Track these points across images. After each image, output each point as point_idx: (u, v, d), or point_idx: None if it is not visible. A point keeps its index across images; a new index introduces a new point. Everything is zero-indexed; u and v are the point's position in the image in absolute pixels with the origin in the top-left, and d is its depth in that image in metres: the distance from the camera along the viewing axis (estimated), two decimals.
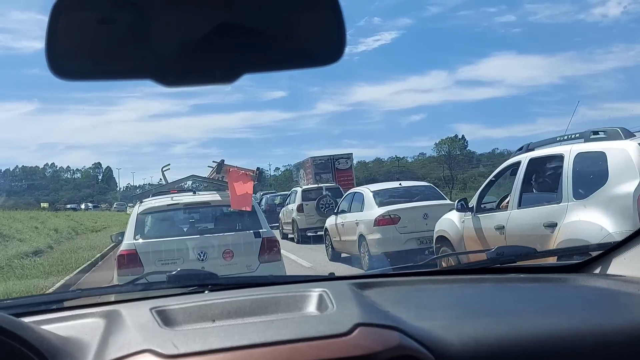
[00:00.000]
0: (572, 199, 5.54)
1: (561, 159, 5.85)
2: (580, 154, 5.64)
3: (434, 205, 11.08)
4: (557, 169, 5.97)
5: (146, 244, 6.63)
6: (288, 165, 32.39)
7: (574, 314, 1.65)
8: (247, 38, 1.11)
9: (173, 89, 1.17)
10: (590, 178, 5.44)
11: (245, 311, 1.59)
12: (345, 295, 1.68)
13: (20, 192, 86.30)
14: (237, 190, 7.24)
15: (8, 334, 1.21)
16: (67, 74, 1.12)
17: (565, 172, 5.70)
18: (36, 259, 14.63)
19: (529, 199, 6.34)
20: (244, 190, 7.27)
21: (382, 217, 11.00)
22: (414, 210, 11.08)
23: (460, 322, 1.57)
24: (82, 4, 1.10)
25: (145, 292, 2.03)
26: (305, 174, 27.46)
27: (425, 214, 10.85)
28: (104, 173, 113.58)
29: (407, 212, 11.03)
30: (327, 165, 26.42)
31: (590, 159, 5.54)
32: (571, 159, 5.68)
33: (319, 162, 26.61)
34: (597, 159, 5.39)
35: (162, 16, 1.10)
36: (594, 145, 5.57)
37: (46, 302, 2.01)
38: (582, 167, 5.59)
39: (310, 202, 18.67)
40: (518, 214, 6.31)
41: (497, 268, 2.25)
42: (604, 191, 5.21)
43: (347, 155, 27.25)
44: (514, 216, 6.36)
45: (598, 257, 2.14)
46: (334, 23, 1.12)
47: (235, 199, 7.17)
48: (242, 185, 7.31)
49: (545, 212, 5.84)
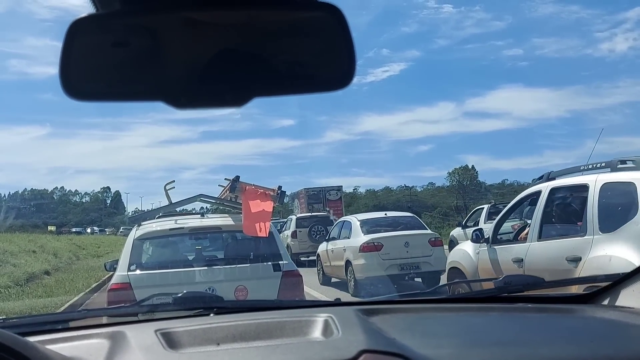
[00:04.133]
0: (598, 232, 5.19)
1: (586, 189, 5.52)
2: (607, 184, 5.34)
3: (415, 235, 12.01)
4: (581, 200, 5.66)
5: (142, 276, 5.56)
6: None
7: (583, 345, 1.63)
8: (258, 63, 1.13)
9: (183, 115, 1.18)
10: (619, 210, 5.17)
11: (250, 335, 1.58)
12: (351, 321, 1.67)
13: (28, 214, 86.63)
14: (253, 213, 6.15)
15: (13, 353, 1.21)
16: (81, 95, 1.13)
17: (590, 203, 5.37)
18: (26, 287, 13.91)
19: (550, 230, 6.01)
20: (261, 212, 6.15)
21: (367, 244, 11.68)
22: (396, 238, 11.79)
23: (467, 350, 1.56)
24: (97, 28, 1.12)
25: (151, 313, 2.02)
26: (300, 203, 30.11)
27: (407, 242, 11.69)
28: (112, 197, 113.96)
29: (389, 240, 11.72)
30: (319, 196, 29.44)
31: (618, 190, 5.28)
32: (597, 190, 5.36)
33: (312, 193, 29.69)
34: (626, 189, 5.12)
35: (175, 40, 1.12)
36: (621, 175, 5.28)
37: (51, 321, 2.00)
38: (609, 198, 5.28)
39: (303, 229, 20.04)
40: (538, 247, 5.93)
41: (505, 297, 2.23)
42: (633, 224, 4.89)
43: (337, 188, 30.46)
44: (533, 249, 5.97)
45: (606, 288, 2.12)
46: (345, 49, 1.13)
47: (249, 222, 6.07)
48: (259, 207, 6.19)
49: (569, 246, 5.47)
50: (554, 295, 2.42)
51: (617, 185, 5.28)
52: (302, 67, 1.15)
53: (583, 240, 5.28)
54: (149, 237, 6.05)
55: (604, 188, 5.32)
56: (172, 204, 7.77)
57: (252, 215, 6.16)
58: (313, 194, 29.76)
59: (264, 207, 6.24)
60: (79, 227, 75.40)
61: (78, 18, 1.09)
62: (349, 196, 75.97)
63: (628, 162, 5.40)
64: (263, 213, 6.18)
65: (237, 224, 6.27)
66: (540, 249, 5.88)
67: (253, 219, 6.10)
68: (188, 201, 8.21)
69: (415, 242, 11.70)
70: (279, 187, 6.91)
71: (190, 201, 8.25)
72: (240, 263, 5.90)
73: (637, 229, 4.84)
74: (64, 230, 61.43)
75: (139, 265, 5.74)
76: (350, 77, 1.14)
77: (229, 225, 6.40)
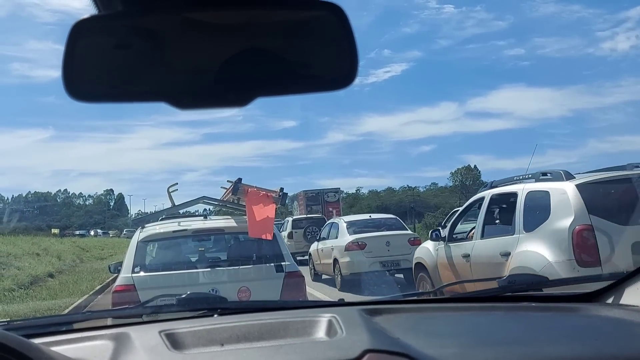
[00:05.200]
0: (522, 232, 6.24)
1: (515, 196, 6.61)
2: (530, 192, 6.40)
3: (396, 235, 13.21)
4: (512, 205, 6.65)
5: (146, 277, 5.63)
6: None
7: (587, 344, 1.63)
8: (260, 62, 1.12)
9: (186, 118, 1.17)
10: (537, 213, 6.15)
11: (254, 336, 1.59)
12: (355, 321, 1.67)
13: (31, 217, 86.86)
14: (257, 215, 6.19)
15: (17, 355, 1.21)
16: (83, 97, 1.14)
17: (518, 208, 6.44)
18: (30, 290, 13.84)
19: (490, 230, 7.05)
20: (264, 214, 6.21)
21: (351, 243, 12.88)
22: (379, 238, 12.98)
23: (471, 350, 1.55)
24: (99, 29, 1.12)
25: (155, 315, 2.03)
26: (299, 205, 31.10)
27: (388, 242, 12.85)
28: (115, 199, 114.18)
29: (372, 239, 12.92)
30: (318, 198, 30.46)
31: (537, 197, 6.26)
32: (523, 197, 6.44)
33: (311, 195, 30.71)
34: (543, 197, 6.15)
35: (177, 41, 1.12)
36: (541, 185, 6.36)
37: (56, 323, 2.00)
38: (531, 204, 6.31)
39: (298, 230, 21.15)
40: (481, 244, 7.01)
41: (508, 296, 2.23)
42: (546, 225, 5.94)
43: (335, 190, 31.66)
44: (477, 246, 7.07)
45: (610, 286, 2.12)
46: (347, 48, 1.13)
47: (253, 224, 6.11)
48: (262, 209, 6.25)
49: (502, 243, 6.54)
50: (557, 294, 2.42)
51: (537, 193, 6.30)
52: (304, 67, 1.15)
53: (512, 238, 6.37)
54: (153, 239, 6.08)
55: (528, 195, 6.40)
56: (175, 206, 7.77)
57: (256, 217, 6.17)
58: (312, 196, 30.73)
59: (267, 209, 6.29)
60: (83, 230, 75.55)
61: (80, 20, 1.09)
62: (351, 197, 76.02)
63: (548, 174, 6.45)
64: (267, 215, 6.23)
65: (240, 226, 6.31)
66: (482, 246, 6.95)
67: (258, 222, 6.13)
68: (191, 203, 8.16)
69: (396, 242, 12.81)
70: (280, 188, 6.93)
71: (193, 203, 8.23)
72: (243, 264, 5.94)
73: (548, 229, 5.90)
74: (67, 233, 61.45)
75: (143, 267, 5.77)
76: (353, 76, 1.14)
77: (232, 227, 6.42)
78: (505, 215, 6.93)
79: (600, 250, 5.52)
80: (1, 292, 12.70)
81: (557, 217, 5.85)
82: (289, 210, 33.69)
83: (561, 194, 5.91)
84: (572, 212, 5.70)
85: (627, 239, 5.56)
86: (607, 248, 5.53)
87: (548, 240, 5.84)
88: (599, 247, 5.53)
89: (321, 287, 13.57)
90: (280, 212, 30.35)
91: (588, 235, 5.57)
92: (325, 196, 30.65)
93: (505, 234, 6.60)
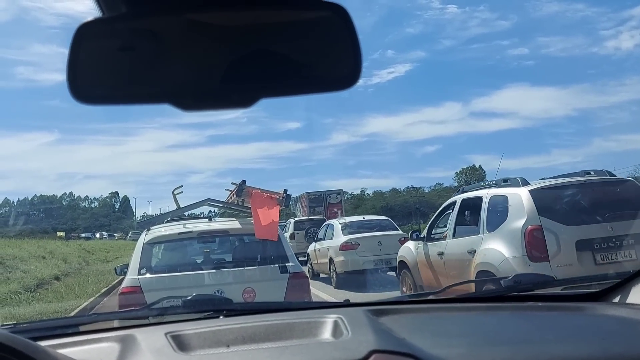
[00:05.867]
0: (485, 232, 7.06)
1: (481, 200, 7.43)
2: (492, 197, 7.25)
3: (388, 235, 13.97)
4: (478, 208, 7.42)
5: (152, 279, 5.65)
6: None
7: (594, 343, 1.62)
8: (264, 63, 1.12)
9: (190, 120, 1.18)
10: (498, 215, 6.99)
11: (259, 337, 1.59)
12: (361, 321, 1.67)
13: (37, 220, 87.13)
14: (261, 217, 6.25)
15: (24, 357, 1.21)
16: (88, 99, 1.14)
17: (482, 210, 7.27)
18: (36, 293, 13.82)
19: (460, 230, 7.86)
20: (269, 216, 6.29)
21: (345, 244, 13.70)
22: (371, 238, 13.79)
23: (477, 350, 1.55)
24: (103, 32, 1.12)
25: (161, 317, 2.03)
26: (302, 206, 31.96)
27: (380, 242, 13.62)
28: (121, 202, 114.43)
29: (365, 240, 13.74)
30: (320, 200, 31.18)
31: (498, 201, 7.09)
32: (487, 201, 7.29)
33: (313, 196, 31.40)
34: (502, 201, 6.98)
35: (181, 42, 1.12)
36: (502, 190, 7.20)
37: (62, 326, 2.01)
38: (493, 207, 7.16)
39: (300, 232, 21.74)
40: (452, 243, 7.87)
41: (514, 296, 2.22)
42: (505, 225, 6.76)
43: (337, 191, 32.52)
44: (449, 244, 7.93)
45: (617, 285, 2.11)
46: (350, 48, 1.13)
47: (259, 226, 6.18)
48: (267, 211, 6.33)
49: (469, 241, 7.33)
50: (564, 293, 2.41)
51: (498, 197, 7.12)
52: (308, 68, 1.15)
53: (477, 238, 7.17)
54: (159, 241, 6.14)
55: (491, 200, 7.24)
56: (180, 208, 7.90)
57: (261, 219, 6.23)
58: (314, 197, 31.41)
59: (271, 211, 6.37)
60: (88, 233, 75.56)
61: (84, 22, 1.09)
62: (356, 198, 75.96)
63: (508, 181, 7.31)
64: (271, 216, 6.30)
65: (245, 228, 6.37)
66: (454, 245, 7.80)
67: (263, 223, 6.19)
68: (196, 205, 8.32)
69: (387, 242, 13.46)
70: (284, 190, 7.09)
71: (198, 205, 8.38)
72: (248, 265, 5.99)
73: (506, 229, 6.72)
74: (73, 236, 61.47)
75: (148, 269, 5.81)
76: (357, 76, 1.14)
77: (237, 228, 6.48)
78: (472, 217, 7.67)
79: (548, 247, 6.31)
80: (8, 295, 12.71)
81: (513, 218, 6.65)
82: (292, 211, 34.56)
83: (517, 198, 6.73)
84: (524, 214, 6.52)
85: (572, 237, 6.36)
86: (555, 245, 6.32)
87: (505, 238, 6.65)
88: (547, 244, 6.32)
89: (318, 285, 13.97)
90: (285, 213, 30.57)
91: (538, 234, 6.36)
92: (327, 198, 31.34)
93: (472, 233, 7.38)
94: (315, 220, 22.85)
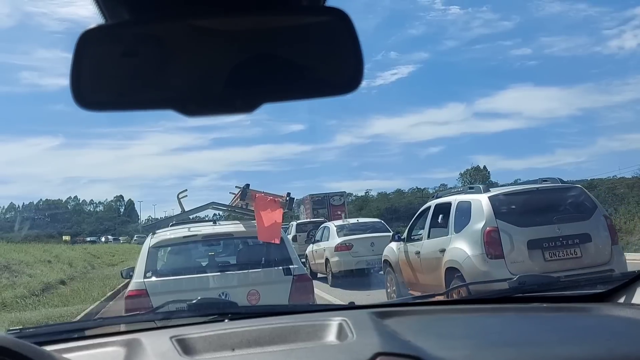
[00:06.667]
0: (453, 233, 7.98)
1: (450, 205, 8.39)
2: (459, 202, 8.21)
3: (380, 237, 14.57)
4: (448, 212, 8.36)
5: (158, 282, 5.69)
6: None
7: (599, 344, 1.61)
8: (266, 68, 1.13)
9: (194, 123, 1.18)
10: (463, 218, 7.90)
11: (264, 340, 1.59)
12: (365, 324, 1.67)
13: (43, 224, 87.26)
14: (264, 220, 6.32)
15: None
16: (91, 105, 1.14)
17: (451, 214, 8.22)
18: (42, 297, 13.89)
19: (434, 232, 8.76)
20: (272, 219, 6.35)
21: (340, 245, 14.75)
22: (364, 240, 14.77)
23: (482, 352, 1.55)
24: (106, 38, 1.12)
25: (166, 320, 2.03)
26: (305, 209, 32.28)
27: (372, 243, 14.42)
28: (125, 206, 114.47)
29: (358, 241, 14.77)
30: (323, 202, 31.69)
31: (464, 206, 8.03)
32: (455, 206, 8.24)
33: (317, 199, 31.92)
34: (467, 206, 7.91)
35: (183, 48, 1.12)
36: (467, 196, 8.17)
37: (68, 330, 2.01)
38: (459, 211, 8.09)
39: (302, 234, 22.22)
40: (427, 243, 8.80)
41: (519, 297, 2.21)
42: (468, 227, 7.68)
43: (340, 193, 33.16)
44: (425, 244, 8.87)
45: (622, 286, 2.10)
46: (352, 53, 1.13)
47: (263, 229, 6.24)
48: (270, 214, 6.38)
49: (441, 242, 8.26)
50: (568, 294, 2.41)
51: (464, 203, 8.08)
52: (310, 72, 1.15)
53: (446, 238, 8.11)
54: (164, 244, 6.21)
55: (458, 205, 8.19)
56: (185, 212, 7.91)
57: (265, 222, 6.30)
58: (318, 199, 31.92)
59: (274, 213, 6.42)
60: (93, 236, 75.73)
61: (87, 29, 1.10)
62: (360, 200, 75.79)
63: (474, 188, 8.42)
64: (274, 219, 6.36)
65: (248, 231, 6.46)
66: (428, 245, 8.75)
67: (266, 226, 6.26)
68: (200, 209, 8.43)
69: (380, 243, 13.76)
70: (287, 193, 7.12)
71: (202, 209, 8.49)
72: (252, 268, 6.03)
73: (469, 230, 7.62)
74: (78, 240, 61.57)
75: (154, 272, 5.87)
76: (359, 81, 1.14)
77: (241, 231, 6.56)
78: (443, 220, 8.53)
79: (503, 246, 7.22)
80: (13, 299, 12.76)
81: (475, 221, 7.58)
82: (296, 214, 34.44)
83: (478, 203, 7.68)
84: (484, 217, 7.44)
85: (524, 237, 7.29)
86: (509, 244, 7.24)
87: (468, 239, 7.57)
88: (503, 244, 7.22)
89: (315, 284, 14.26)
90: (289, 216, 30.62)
91: (494, 235, 7.26)
92: (331, 200, 31.74)
93: (442, 234, 8.31)
94: (317, 222, 23.16)
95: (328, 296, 12.12)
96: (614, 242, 7.60)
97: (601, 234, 7.54)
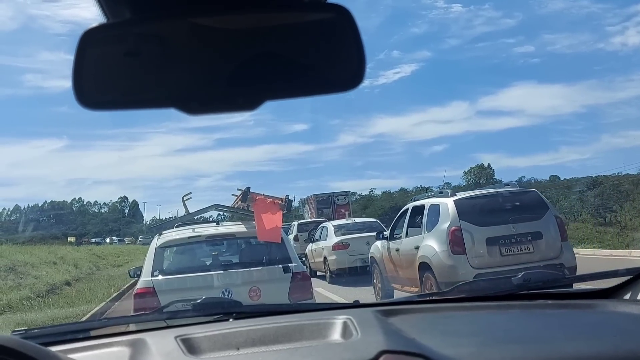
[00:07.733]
0: (426, 232, 9.00)
1: (424, 207, 9.38)
2: (431, 205, 9.20)
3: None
4: (422, 213, 9.39)
5: (165, 280, 5.99)
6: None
7: (605, 340, 1.61)
8: (268, 66, 1.12)
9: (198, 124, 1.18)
10: (433, 219, 8.89)
11: (269, 339, 1.59)
12: (370, 322, 1.66)
13: (48, 226, 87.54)
14: (264, 221, 6.65)
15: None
16: (94, 105, 1.14)
17: (424, 215, 9.21)
18: (47, 298, 13.92)
19: (411, 231, 9.68)
20: (272, 220, 6.69)
21: (337, 244, 15.57)
22: (360, 239, 15.36)
23: (487, 349, 1.54)
24: (108, 38, 1.12)
25: (171, 320, 2.03)
26: (309, 208, 32.47)
27: (368, 242, 14.32)
28: (130, 207, 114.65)
29: (354, 240, 15.50)
30: (328, 201, 31.81)
31: (434, 208, 9.03)
32: (428, 207, 9.23)
33: (321, 198, 32.08)
34: (437, 208, 8.95)
35: (185, 47, 1.12)
36: (437, 199, 9.22)
37: (73, 331, 2.02)
38: (431, 213, 9.07)
39: (303, 233, 22.38)
40: (406, 241, 9.74)
41: (524, 294, 2.21)
42: (437, 227, 8.68)
43: (344, 193, 33.17)
44: (404, 242, 9.81)
45: (627, 282, 2.09)
46: (354, 49, 1.13)
47: (262, 230, 6.59)
48: (269, 215, 6.71)
49: (415, 240, 9.25)
50: (574, 290, 2.40)
51: (434, 205, 9.09)
52: (312, 69, 1.15)
53: (420, 237, 9.14)
54: (170, 244, 6.51)
55: (430, 207, 9.19)
56: (190, 213, 8.26)
57: (264, 223, 6.67)
58: (322, 199, 32.02)
59: (274, 215, 6.80)
60: (98, 238, 75.83)
61: (89, 29, 1.10)
62: (365, 199, 75.73)
63: (443, 192, 9.65)
64: (274, 220, 6.73)
65: (250, 231, 6.78)
66: (406, 242, 9.69)
67: (266, 227, 6.64)
68: (204, 210, 8.91)
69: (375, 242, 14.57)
70: (286, 196, 7.63)
71: (206, 210, 9.02)
72: (253, 266, 6.36)
73: (438, 230, 8.62)
74: (83, 241, 61.65)
75: (161, 271, 6.18)
76: (361, 77, 1.13)
77: (243, 232, 6.89)
78: (419, 220, 9.50)
79: (465, 243, 8.23)
80: (19, 300, 12.80)
81: (442, 221, 8.60)
82: (300, 213, 34.64)
83: (445, 206, 8.72)
84: (449, 218, 8.46)
85: (483, 235, 8.29)
86: (470, 242, 8.25)
87: (437, 237, 8.58)
88: (465, 241, 8.24)
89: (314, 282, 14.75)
90: (293, 215, 30.68)
91: (458, 234, 8.28)
92: (335, 199, 31.86)
93: (417, 233, 9.31)
94: (319, 222, 23.47)
95: (327, 293, 12.68)
96: (563, 239, 8.63)
97: (552, 231, 8.53)
